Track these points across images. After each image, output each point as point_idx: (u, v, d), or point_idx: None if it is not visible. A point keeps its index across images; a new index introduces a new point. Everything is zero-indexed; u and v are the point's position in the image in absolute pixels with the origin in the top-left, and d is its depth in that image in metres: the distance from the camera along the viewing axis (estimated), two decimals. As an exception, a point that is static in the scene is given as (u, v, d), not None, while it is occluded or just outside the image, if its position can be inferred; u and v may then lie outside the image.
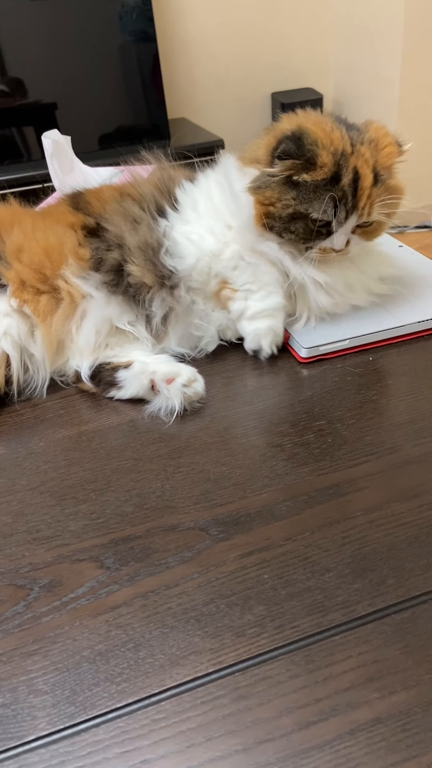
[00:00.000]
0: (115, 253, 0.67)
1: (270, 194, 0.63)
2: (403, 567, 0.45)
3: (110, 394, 0.66)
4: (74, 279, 0.66)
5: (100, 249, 0.68)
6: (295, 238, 0.64)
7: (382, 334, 0.69)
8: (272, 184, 0.63)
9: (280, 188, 0.63)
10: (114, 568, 0.47)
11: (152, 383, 0.64)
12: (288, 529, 0.49)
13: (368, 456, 0.55)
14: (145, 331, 0.68)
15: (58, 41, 2.08)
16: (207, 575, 0.46)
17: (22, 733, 0.38)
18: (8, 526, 0.52)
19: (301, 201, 0.62)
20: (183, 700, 0.39)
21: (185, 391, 0.62)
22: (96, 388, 0.67)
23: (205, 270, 0.67)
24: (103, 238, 0.68)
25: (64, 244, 0.68)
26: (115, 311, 0.68)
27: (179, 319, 0.69)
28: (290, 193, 0.62)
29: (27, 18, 2.02)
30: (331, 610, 0.43)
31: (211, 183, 0.70)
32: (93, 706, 0.39)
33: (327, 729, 0.36)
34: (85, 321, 0.67)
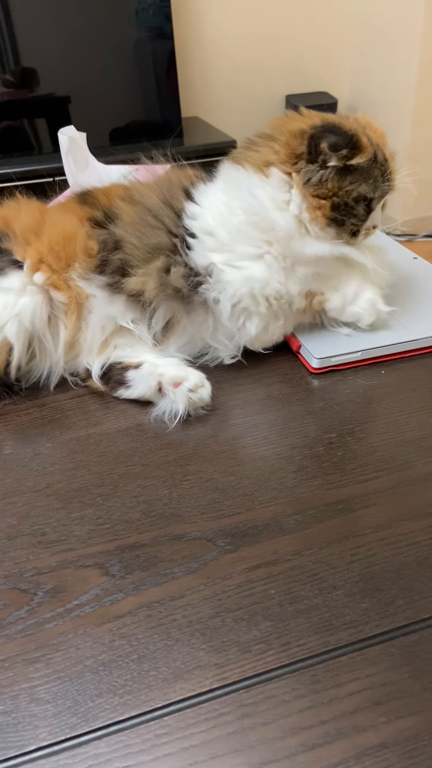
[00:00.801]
0: (120, 254, 0.67)
1: (332, 185, 0.64)
2: (412, 588, 0.44)
3: (118, 393, 0.65)
4: (78, 281, 0.66)
5: (107, 245, 0.67)
6: (356, 221, 0.67)
7: (395, 347, 0.68)
8: (330, 176, 0.64)
9: (337, 177, 0.64)
10: (119, 576, 0.47)
11: (159, 385, 0.63)
12: (296, 544, 0.48)
13: (378, 472, 0.54)
14: (146, 332, 0.68)
15: (74, 34, 2.08)
16: (213, 588, 0.45)
17: (23, 742, 0.37)
18: (13, 528, 0.51)
19: (359, 183, 0.65)
20: (186, 715, 0.38)
21: (191, 396, 0.62)
22: (105, 387, 0.66)
23: (266, 293, 0.65)
24: (111, 232, 0.67)
25: (78, 236, 0.67)
26: (119, 310, 0.67)
27: (188, 328, 0.68)
28: (347, 179, 0.65)
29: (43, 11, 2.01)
30: (338, 629, 0.42)
31: (222, 207, 0.67)
32: (95, 717, 0.38)
33: (332, 752, 0.36)
34: (91, 318, 0.67)
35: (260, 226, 0.65)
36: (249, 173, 0.66)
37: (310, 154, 0.64)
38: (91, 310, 0.67)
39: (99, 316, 0.67)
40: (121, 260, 0.66)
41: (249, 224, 0.65)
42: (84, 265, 0.66)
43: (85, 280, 0.66)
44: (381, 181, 0.66)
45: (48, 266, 0.66)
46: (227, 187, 0.68)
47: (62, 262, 0.66)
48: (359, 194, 0.65)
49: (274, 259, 0.65)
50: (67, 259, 0.67)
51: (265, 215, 0.64)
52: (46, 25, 2.03)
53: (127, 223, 0.67)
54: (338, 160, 0.63)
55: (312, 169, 0.64)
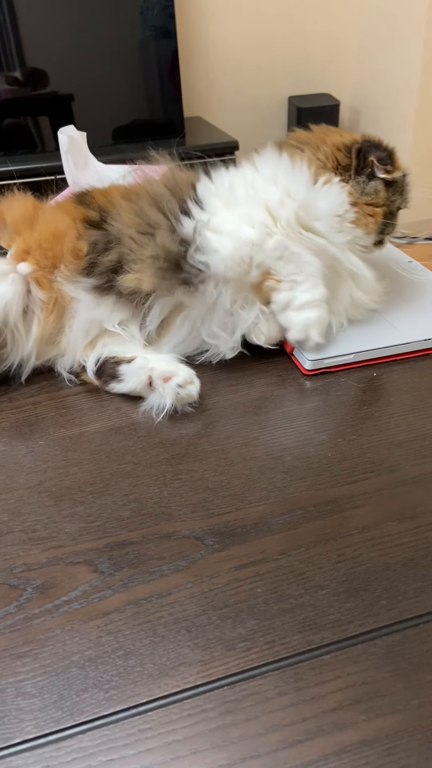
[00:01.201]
0: (112, 255, 0.66)
1: (384, 195, 0.71)
2: (397, 589, 0.45)
3: (110, 387, 0.66)
4: (64, 284, 0.67)
5: (97, 246, 0.67)
6: (392, 230, 0.74)
7: (388, 350, 0.69)
8: (379, 188, 0.71)
9: (384, 189, 0.71)
10: (108, 573, 0.47)
11: (150, 379, 0.64)
12: (283, 544, 0.49)
13: (367, 473, 0.55)
14: (138, 331, 0.68)
15: (78, 33, 2.08)
16: (200, 586, 0.46)
17: (8, 735, 0.38)
18: (4, 524, 0.52)
19: (399, 194, 0.73)
20: (170, 711, 0.39)
21: (179, 392, 0.63)
22: (98, 380, 0.67)
23: (245, 260, 0.65)
24: (105, 231, 0.68)
25: (67, 237, 0.68)
26: (104, 313, 0.68)
27: (185, 323, 0.68)
28: (390, 191, 0.72)
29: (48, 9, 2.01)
30: (322, 628, 0.43)
31: (255, 175, 0.69)
32: (80, 712, 0.39)
33: (312, 749, 0.36)
34: (74, 322, 0.68)
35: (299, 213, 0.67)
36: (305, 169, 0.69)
37: (359, 166, 0.70)
38: (75, 314, 0.68)
39: (83, 320, 0.68)
40: (118, 256, 0.66)
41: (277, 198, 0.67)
42: (71, 267, 0.67)
43: (71, 282, 0.67)
44: (406, 194, 0.74)
45: (35, 259, 0.67)
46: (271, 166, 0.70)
47: (48, 261, 0.67)
48: (398, 205, 0.73)
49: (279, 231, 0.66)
50: (54, 259, 0.67)
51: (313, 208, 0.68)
52: (50, 23, 2.04)
53: (125, 218, 0.68)
54: (383, 172, 0.70)
55: (361, 180, 0.70)
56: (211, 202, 0.68)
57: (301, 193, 0.67)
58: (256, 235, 0.65)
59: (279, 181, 0.68)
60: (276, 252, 0.66)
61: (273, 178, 0.68)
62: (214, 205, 0.68)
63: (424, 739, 0.37)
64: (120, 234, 0.67)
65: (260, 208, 0.67)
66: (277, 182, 0.68)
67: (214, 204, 0.68)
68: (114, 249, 0.67)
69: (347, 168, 0.70)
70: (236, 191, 0.68)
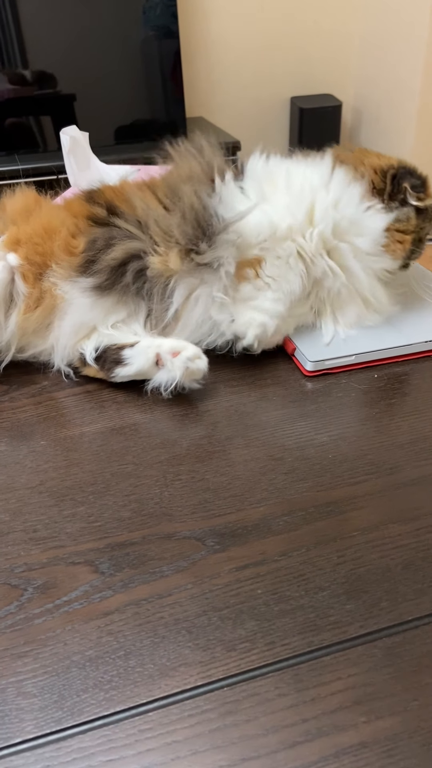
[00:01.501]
0: (116, 252, 0.66)
1: (416, 223, 0.71)
2: (397, 590, 0.45)
3: (115, 373, 0.66)
4: (60, 284, 0.67)
5: (96, 243, 0.66)
6: (418, 255, 0.74)
7: (389, 351, 0.69)
8: (411, 215, 0.71)
9: (416, 216, 0.71)
10: (108, 573, 0.47)
11: (157, 357, 0.64)
12: (284, 545, 0.49)
13: (368, 475, 0.55)
14: (141, 327, 0.68)
15: (81, 32, 2.08)
16: (201, 586, 0.46)
17: (9, 735, 0.38)
18: (5, 524, 0.52)
19: (429, 222, 0.73)
20: (170, 711, 0.39)
21: (189, 365, 0.63)
22: (101, 369, 0.67)
23: (258, 235, 0.66)
24: (109, 227, 0.67)
25: (61, 233, 0.68)
26: (99, 315, 0.68)
27: (198, 303, 0.67)
28: (420, 218, 0.72)
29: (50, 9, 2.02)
30: (322, 629, 0.43)
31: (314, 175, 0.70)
32: (80, 712, 0.39)
33: (312, 750, 0.37)
34: (65, 321, 0.68)
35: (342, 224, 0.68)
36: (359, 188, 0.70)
37: (393, 192, 0.70)
38: (65, 315, 0.67)
39: (73, 321, 0.67)
40: (125, 252, 0.66)
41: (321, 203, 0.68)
42: (64, 265, 0.67)
43: (68, 281, 0.66)
44: None
45: (24, 253, 0.67)
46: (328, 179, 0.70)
47: (38, 257, 0.67)
48: (427, 233, 0.73)
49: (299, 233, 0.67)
50: (44, 255, 0.67)
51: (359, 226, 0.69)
52: (52, 23, 2.04)
53: (149, 203, 0.67)
54: (416, 200, 0.70)
55: (394, 206, 0.70)
56: (255, 179, 0.69)
57: (351, 209, 0.68)
58: (281, 225, 0.66)
59: (331, 191, 0.68)
60: (282, 252, 0.66)
61: (327, 185, 0.69)
62: (257, 182, 0.69)
63: (424, 740, 0.37)
64: (145, 216, 0.67)
65: (304, 208, 0.67)
66: (330, 191, 0.68)
67: (257, 181, 0.69)
68: (118, 245, 0.66)
69: (381, 192, 0.70)
70: (292, 180, 0.69)
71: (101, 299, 0.67)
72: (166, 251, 0.65)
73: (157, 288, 0.66)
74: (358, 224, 0.69)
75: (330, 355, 0.67)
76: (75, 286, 0.67)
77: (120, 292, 0.67)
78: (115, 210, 0.69)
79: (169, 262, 0.65)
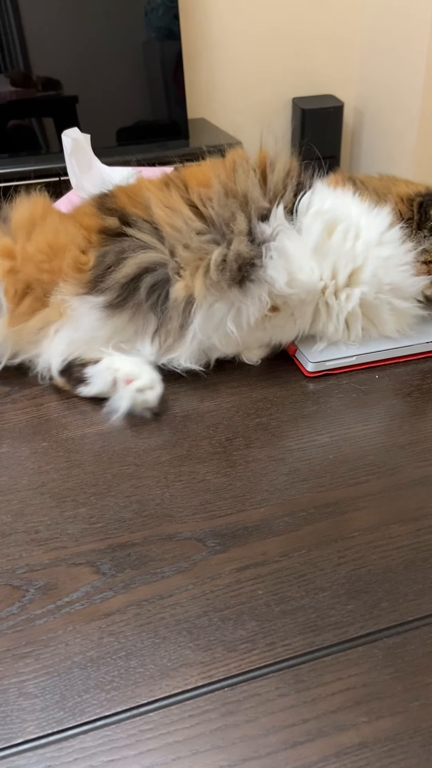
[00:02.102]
0: (127, 268, 0.63)
1: None
2: (398, 591, 0.45)
3: (78, 390, 0.66)
4: (68, 298, 0.65)
5: (106, 259, 0.64)
6: None
7: (390, 352, 0.69)
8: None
9: None
10: (110, 574, 0.47)
11: (115, 380, 0.64)
12: (285, 545, 0.49)
13: (369, 475, 0.55)
14: (149, 343, 0.66)
15: (83, 35, 2.09)
16: (202, 587, 0.46)
17: (10, 735, 0.38)
18: (7, 525, 0.52)
19: None
20: (171, 712, 0.39)
21: (136, 396, 0.62)
22: (66, 383, 0.67)
23: (297, 293, 0.64)
24: (121, 240, 0.65)
25: (68, 251, 0.66)
26: (106, 334, 0.66)
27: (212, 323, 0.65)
28: None
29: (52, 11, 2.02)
30: (323, 630, 0.43)
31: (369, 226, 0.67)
32: (82, 712, 0.39)
33: (313, 750, 0.37)
34: (66, 335, 0.66)
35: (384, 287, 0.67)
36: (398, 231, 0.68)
37: (421, 220, 0.67)
38: (67, 329, 0.66)
39: (76, 338, 0.65)
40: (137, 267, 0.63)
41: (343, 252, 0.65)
42: (73, 282, 0.65)
43: (77, 297, 0.64)
44: None
45: (10, 265, 0.65)
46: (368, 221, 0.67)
47: (45, 275, 0.65)
48: None
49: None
50: (51, 273, 0.65)
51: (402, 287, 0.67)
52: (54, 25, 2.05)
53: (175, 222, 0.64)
54: None
55: (423, 235, 0.67)
56: (317, 221, 0.65)
57: (400, 275, 0.66)
58: (319, 285, 0.65)
59: (385, 251, 0.66)
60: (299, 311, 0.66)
61: (382, 243, 0.66)
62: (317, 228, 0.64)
63: (424, 740, 0.37)
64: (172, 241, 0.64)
65: (352, 266, 0.65)
66: (383, 250, 0.66)
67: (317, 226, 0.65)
68: (129, 259, 0.63)
69: (409, 221, 0.68)
70: (349, 234, 0.65)
71: (112, 318, 0.65)
72: (191, 274, 0.63)
73: (176, 311, 0.64)
74: (401, 288, 0.67)
75: (331, 356, 0.67)
76: (84, 303, 0.65)
77: (132, 309, 0.65)
78: (128, 218, 0.66)
79: (195, 289, 0.62)
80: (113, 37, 2.13)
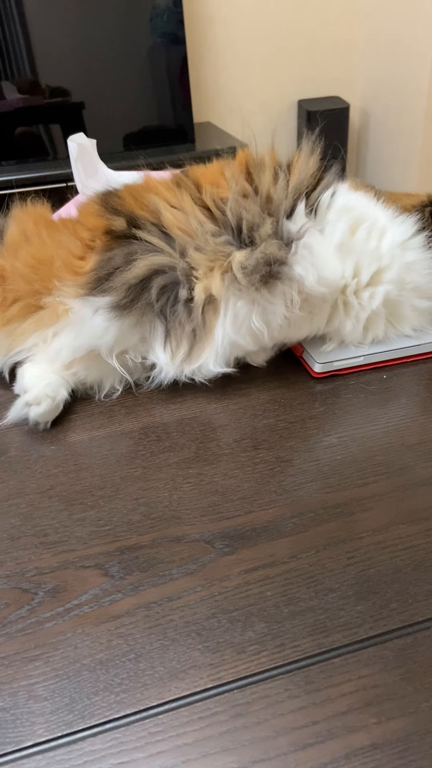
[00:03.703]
0: (137, 269, 0.62)
1: None
2: (408, 591, 0.45)
3: (13, 387, 0.67)
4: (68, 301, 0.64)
5: (112, 261, 0.63)
6: None
7: (398, 352, 0.68)
8: None
9: None
10: (118, 576, 0.47)
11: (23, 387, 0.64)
12: (293, 547, 0.49)
13: (377, 476, 0.55)
14: (161, 353, 0.64)
15: (89, 41, 2.10)
16: (210, 589, 0.46)
17: (20, 738, 0.38)
18: (16, 528, 0.52)
19: None
20: (181, 714, 0.39)
21: (22, 409, 0.63)
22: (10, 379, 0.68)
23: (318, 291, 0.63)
24: (129, 242, 0.63)
25: (56, 258, 0.65)
26: (110, 340, 0.64)
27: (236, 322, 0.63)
28: None
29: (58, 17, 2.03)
30: (332, 631, 0.43)
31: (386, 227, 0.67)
32: (91, 715, 0.39)
33: (323, 752, 0.36)
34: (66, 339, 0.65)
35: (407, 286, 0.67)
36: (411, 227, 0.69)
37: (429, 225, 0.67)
38: (67, 333, 0.65)
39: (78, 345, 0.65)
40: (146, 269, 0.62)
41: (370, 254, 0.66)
42: (70, 284, 0.64)
43: (78, 299, 0.63)
44: None
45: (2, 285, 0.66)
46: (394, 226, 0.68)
47: (37, 284, 0.65)
48: None
49: None
50: (42, 281, 0.65)
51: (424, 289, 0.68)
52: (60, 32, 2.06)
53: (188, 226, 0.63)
54: None
55: None
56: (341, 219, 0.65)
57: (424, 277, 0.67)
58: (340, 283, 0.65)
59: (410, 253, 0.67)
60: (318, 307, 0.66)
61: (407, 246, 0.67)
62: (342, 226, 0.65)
63: (436, 742, 0.36)
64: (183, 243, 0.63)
65: (376, 266, 0.66)
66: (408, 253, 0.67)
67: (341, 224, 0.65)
68: (139, 261, 0.62)
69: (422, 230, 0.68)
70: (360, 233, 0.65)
71: (118, 321, 0.63)
72: (205, 274, 0.62)
73: (195, 313, 0.63)
74: (423, 289, 0.67)
75: (338, 357, 0.67)
76: (86, 304, 0.63)
77: (140, 311, 0.63)
78: (137, 221, 0.64)
79: (212, 287, 0.62)
80: (119, 43, 2.14)
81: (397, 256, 0.66)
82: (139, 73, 2.22)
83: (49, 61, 2.10)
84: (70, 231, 0.67)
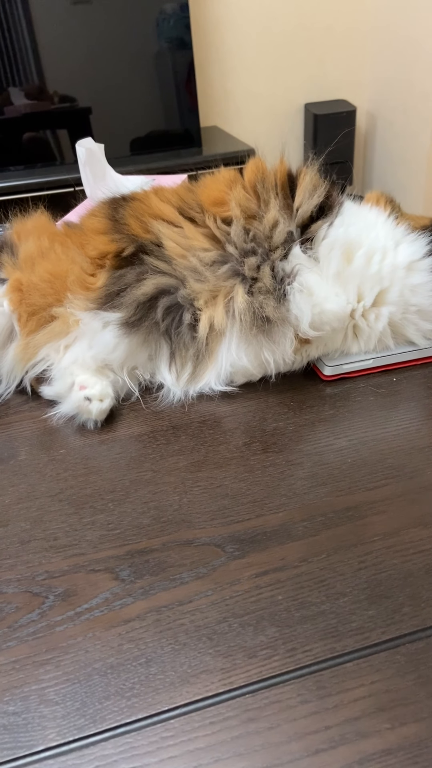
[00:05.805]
0: (146, 287, 0.63)
1: None
2: (420, 596, 0.44)
3: (40, 390, 0.67)
4: (79, 313, 0.65)
5: (124, 278, 0.64)
6: None
7: (407, 354, 0.68)
8: None
9: None
10: (129, 580, 0.47)
11: (72, 384, 0.64)
12: (304, 550, 0.49)
13: (388, 479, 0.54)
14: (166, 370, 0.66)
15: (96, 46, 2.11)
16: (221, 593, 0.46)
17: (32, 742, 0.38)
18: (27, 532, 0.52)
19: None
20: (192, 719, 0.39)
21: (82, 405, 0.63)
22: (37, 384, 0.68)
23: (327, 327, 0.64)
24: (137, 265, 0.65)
25: (70, 273, 0.66)
26: (120, 356, 0.65)
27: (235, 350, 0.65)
28: None
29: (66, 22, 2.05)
30: (344, 635, 0.42)
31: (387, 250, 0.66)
32: (103, 719, 0.39)
33: (335, 757, 0.36)
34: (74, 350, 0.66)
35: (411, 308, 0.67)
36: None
37: None
38: (77, 344, 0.66)
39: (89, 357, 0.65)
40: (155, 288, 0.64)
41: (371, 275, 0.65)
42: (82, 297, 0.65)
43: (89, 312, 0.65)
44: None
45: (19, 296, 0.66)
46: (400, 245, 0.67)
47: (49, 297, 0.66)
48: None
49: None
50: (56, 294, 0.66)
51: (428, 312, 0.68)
52: (67, 37, 2.07)
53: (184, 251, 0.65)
54: None
55: None
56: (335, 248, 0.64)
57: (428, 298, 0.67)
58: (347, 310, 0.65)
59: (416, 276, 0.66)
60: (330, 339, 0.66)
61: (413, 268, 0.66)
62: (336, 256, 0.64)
63: (450, 748, 0.36)
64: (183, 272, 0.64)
65: (379, 288, 0.65)
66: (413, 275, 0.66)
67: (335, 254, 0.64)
68: (148, 279, 0.64)
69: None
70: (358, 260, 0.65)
71: (127, 338, 0.65)
72: (209, 302, 0.64)
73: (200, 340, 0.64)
74: (427, 312, 0.67)
75: (348, 360, 0.67)
76: (96, 318, 0.65)
77: (147, 329, 0.65)
78: (145, 248, 0.66)
79: (215, 319, 0.63)
80: (126, 48, 2.15)
81: (399, 277, 0.66)
82: (146, 77, 2.23)
83: (57, 67, 2.11)
84: (78, 246, 0.68)
